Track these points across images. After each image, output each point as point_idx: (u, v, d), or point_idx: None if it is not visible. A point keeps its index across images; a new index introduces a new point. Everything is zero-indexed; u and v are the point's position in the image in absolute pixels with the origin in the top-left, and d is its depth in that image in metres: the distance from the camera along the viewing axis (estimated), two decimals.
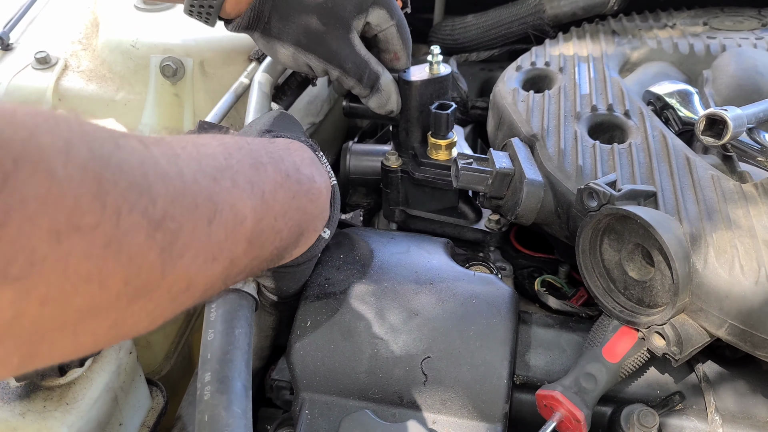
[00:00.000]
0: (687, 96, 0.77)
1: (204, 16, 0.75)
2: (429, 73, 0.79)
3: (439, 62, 0.79)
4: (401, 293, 0.63)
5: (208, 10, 0.74)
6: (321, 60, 0.76)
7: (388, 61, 0.81)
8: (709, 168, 0.65)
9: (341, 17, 0.75)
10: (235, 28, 0.77)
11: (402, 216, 0.84)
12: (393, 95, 0.78)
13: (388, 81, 0.78)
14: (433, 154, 0.79)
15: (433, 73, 0.78)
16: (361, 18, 0.76)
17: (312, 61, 0.77)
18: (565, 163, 0.69)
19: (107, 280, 0.34)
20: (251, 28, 0.76)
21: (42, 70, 1.07)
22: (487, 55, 1.14)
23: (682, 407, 0.61)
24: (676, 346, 0.56)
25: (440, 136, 0.78)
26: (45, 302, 0.31)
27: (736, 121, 0.59)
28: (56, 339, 0.33)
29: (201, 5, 0.73)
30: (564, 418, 0.57)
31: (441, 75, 0.79)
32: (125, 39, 1.03)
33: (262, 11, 0.74)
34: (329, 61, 0.76)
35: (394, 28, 0.79)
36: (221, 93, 0.93)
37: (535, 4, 1.07)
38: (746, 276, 0.54)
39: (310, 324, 0.61)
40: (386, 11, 0.78)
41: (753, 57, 0.83)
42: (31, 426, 0.56)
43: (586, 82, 0.81)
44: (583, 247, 0.62)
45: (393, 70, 0.81)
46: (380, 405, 0.59)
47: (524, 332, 0.67)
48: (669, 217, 0.58)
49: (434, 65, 0.79)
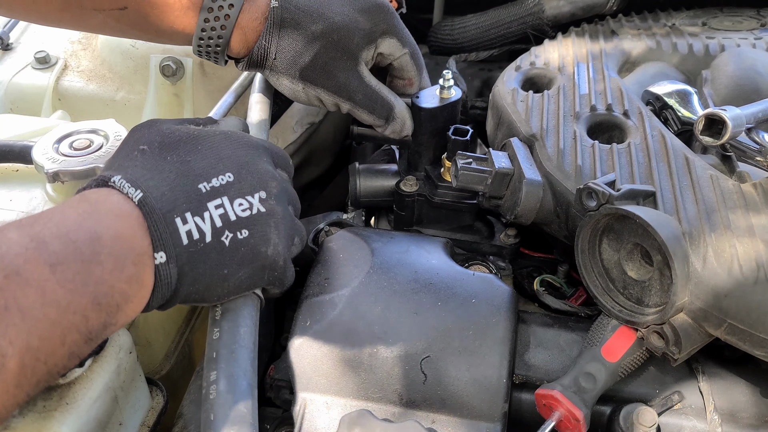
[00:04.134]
0: (686, 96, 0.77)
1: (212, 56, 0.75)
2: (440, 97, 0.80)
3: (450, 86, 0.80)
4: (401, 293, 0.63)
5: (215, 50, 0.73)
6: (330, 93, 0.75)
7: (401, 87, 0.82)
8: (708, 168, 0.65)
9: (348, 49, 0.74)
10: (243, 67, 0.76)
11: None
12: (407, 122, 0.79)
13: (402, 109, 0.79)
14: (448, 176, 0.79)
15: (444, 97, 0.80)
16: (370, 49, 0.76)
17: (322, 95, 0.76)
18: (564, 162, 0.69)
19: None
20: (260, 66, 0.75)
21: (42, 69, 1.08)
22: (486, 55, 1.14)
23: (680, 406, 0.61)
24: (675, 345, 0.56)
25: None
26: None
27: (735, 121, 0.59)
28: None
29: (208, 45, 0.73)
30: (563, 417, 0.57)
31: (453, 99, 0.80)
32: (125, 38, 1.03)
33: (268, 49, 0.73)
34: (338, 93, 0.76)
35: (407, 56, 0.79)
36: (221, 93, 0.93)
37: (534, 4, 1.07)
38: (745, 275, 0.54)
39: (310, 324, 0.61)
40: (398, 40, 0.78)
41: (752, 57, 0.83)
42: (30, 425, 0.56)
43: (585, 82, 0.81)
44: (582, 246, 0.62)
45: (405, 94, 0.81)
46: (380, 404, 0.59)
47: (523, 332, 0.67)
48: (668, 217, 0.58)
49: (445, 89, 0.80)
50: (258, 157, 0.59)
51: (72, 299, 0.45)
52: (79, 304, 0.45)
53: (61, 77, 1.07)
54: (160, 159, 0.55)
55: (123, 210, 0.50)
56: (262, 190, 0.56)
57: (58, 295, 0.44)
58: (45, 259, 0.44)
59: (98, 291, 0.46)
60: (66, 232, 0.47)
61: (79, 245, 0.46)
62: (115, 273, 0.48)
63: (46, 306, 0.43)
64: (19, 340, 0.41)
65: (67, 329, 0.45)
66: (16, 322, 0.42)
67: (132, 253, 0.49)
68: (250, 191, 0.55)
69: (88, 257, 0.46)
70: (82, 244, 0.47)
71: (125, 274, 0.48)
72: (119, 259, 0.48)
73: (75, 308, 0.45)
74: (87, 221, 0.48)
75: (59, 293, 0.44)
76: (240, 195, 0.55)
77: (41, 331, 0.43)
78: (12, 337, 0.41)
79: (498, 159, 0.70)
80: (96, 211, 0.49)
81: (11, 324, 0.41)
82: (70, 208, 0.50)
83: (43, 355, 0.43)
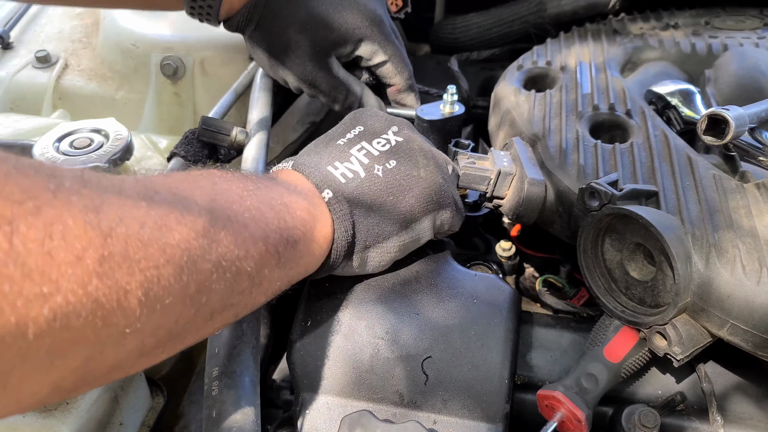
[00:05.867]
0: (689, 95, 0.76)
1: (205, 16, 0.78)
2: (443, 111, 0.83)
3: (454, 101, 0.83)
4: (402, 293, 0.62)
5: (207, 10, 0.76)
6: (296, 78, 0.79)
7: (393, 93, 0.86)
8: (711, 168, 0.65)
9: (321, 43, 0.78)
10: (229, 28, 0.80)
11: None
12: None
13: (370, 100, 0.83)
14: None
15: (447, 112, 0.83)
16: (345, 48, 0.80)
17: (288, 77, 0.79)
18: (566, 162, 0.69)
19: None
20: (240, 31, 0.79)
21: (42, 68, 1.08)
22: (488, 54, 1.13)
23: (683, 408, 0.61)
24: (678, 346, 0.56)
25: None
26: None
27: (738, 121, 0.59)
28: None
29: (201, 5, 0.75)
30: (565, 418, 0.57)
31: (456, 114, 0.82)
32: (125, 38, 1.03)
33: (251, 17, 0.78)
34: (302, 79, 0.80)
35: (389, 65, 0.83)
36: (222, 92, 0.93)
37: (536, 3, 1.07)
38: (748, 276, 0.53)
39: (311, 324, 0.61)
40: (379, 47, 0.82)
41: (755, 56, 0.83)
42: (30, 425, 0.56)
43: (588, 82, 0.81)
44: (585, 246, 0.62)
45: (400, 103, 0.86)
46: (380, 405, 0.59)
47: (525, 332, 0.66)
48: (670, 217, 0.58)
49: (449, 104, 0.83)
50: (377, 111, 0.67)
51: (260, 213, 0.48)
52: (265, 217, 0.48)
53: (61, 76, 1.07)
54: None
55: (284, 172, 0.58)
56: (393, 126, 0.64)
57: (252, 207, 0.48)
58: (236, 188, 0.48)
59: (282, 198, 0.51)
60: (244, 177, 0.52)
61: (258, 182, 0.52)
62: (295, 196, 0.53)
63: (245, 212, 0.46)
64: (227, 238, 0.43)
65: (264, 234, 0.47)
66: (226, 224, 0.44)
67: (302, 192, 0.55)
68: (383, 130, 0.63)
69: (265, 186, 0.52)
70: (260, 182, 0.52)
71: (303, 200, 0.54)
72: (294, 191, 0.54)
73: (265, 221, 0.48)
74: (255, 177, 0.54)
75: (253, 205, 0.48)
76: (375, 136, 0.62)
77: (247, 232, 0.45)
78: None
79: (500, 159, 0.70)
80: (260, 178, 0.54)
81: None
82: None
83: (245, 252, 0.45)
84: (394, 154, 0.61)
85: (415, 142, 0.63)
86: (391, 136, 0.62)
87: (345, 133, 0.63)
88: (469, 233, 0.82)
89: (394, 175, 0.60)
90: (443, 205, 0.63)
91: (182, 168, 0.77)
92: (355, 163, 0.59)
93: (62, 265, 0.30)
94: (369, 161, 0.60)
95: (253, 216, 0.47)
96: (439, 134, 0.81)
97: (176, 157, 0.77)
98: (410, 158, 0.61)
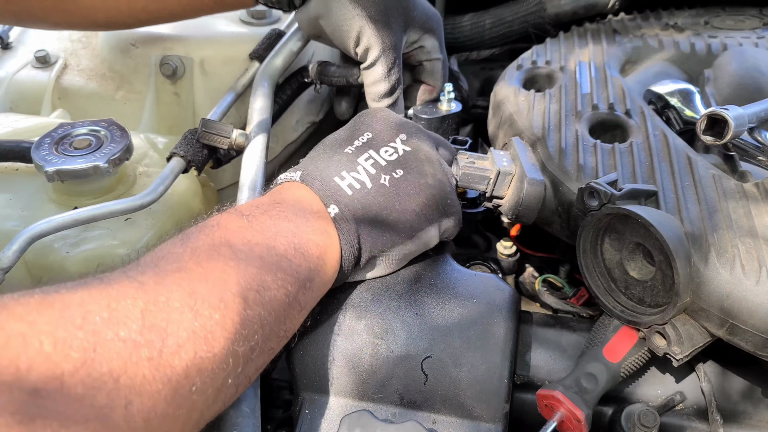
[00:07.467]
0: (688, 95, 0.76)
1: (276, 4, 0.84)
2: (441, 109, 0.85)
3: (451, 99, 0.85)
4: (402, 293, 0.63)
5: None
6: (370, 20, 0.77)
7: (423, 92, 0.89)
8: (711, 167, 0.65)
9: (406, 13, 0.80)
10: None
11: None
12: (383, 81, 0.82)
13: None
14: None
15: (444, 110, 0.85)
16: (416, 32, 0.82)
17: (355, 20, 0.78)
18: (566, 162, 0.69)
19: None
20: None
21: (42, 68, 1.07)
22: (487, 53, 1.13)
23: (682, 407, 0.61)
24: (677, 345, 0.56)
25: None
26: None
27: (738, 121, 0.59)
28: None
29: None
30: (565, 417, 0.57)
31: (453, 112, 0.84)
32: (125, 37, 1.03)
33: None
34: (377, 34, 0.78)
35: (440, 63, 0.86)
36: (221, 92, 0.93)
37: (535, 3, 1.07)
38: (747, 276, 0.53)
39: (310, 324, 0.61)
40: (440, 46, 0.86)
41: (754, 56, 0.83)
42: None
43: (587, 81, 0.81)
44: (584, 246, 0.62)
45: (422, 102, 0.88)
46: (380, 405, 0.59)
47: (525, 332, 0.66)
48: (670, 217, 0.58)
49: (446, 102, 0.85)
50: (386, 113, 0.67)
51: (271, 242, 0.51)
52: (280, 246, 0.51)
53: (60, 76, 1.07)
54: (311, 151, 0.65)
55: (292, 185, 0.59)
56: (402, 134, 0.64)
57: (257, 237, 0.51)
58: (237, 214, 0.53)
59: (293, 238, 0.53)
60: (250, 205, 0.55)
61: (265, 208, 0.55)
62: (302, 224, 0.55)
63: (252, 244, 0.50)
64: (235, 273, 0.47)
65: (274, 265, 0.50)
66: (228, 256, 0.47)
67: (310, 210, 0.56)
68: (391, 138, 0.63)
69: (275, 214, 0.54)
70: (267, 207, 0.55)
71: (310, 226, 0.55)
72: (301, 214, 0.55)
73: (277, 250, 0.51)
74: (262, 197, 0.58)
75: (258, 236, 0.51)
76: (383, 144, 0.62)
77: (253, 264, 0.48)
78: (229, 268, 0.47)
79: (499, 158, 0.70)
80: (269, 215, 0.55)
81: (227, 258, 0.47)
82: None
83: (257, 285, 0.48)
84: (402, 164, 0.61)
85: (422, 151, 0.63)
86: (399, 145, 0.62)
87: (353, 140, 0.63)
88: (469, 231, 0.82)
89: (400, 184, 0.60)
90: (448, 214, 0.63)
91: (182, 168, 0.77)
92: (362, 173, 0.60)
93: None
94: (376, 171, 0.60)
95: (278, 283, 0.50)
96: (437, 132, 0.81)
97: (176, 157, 0.77)
98: (417, 168, 0.62)
